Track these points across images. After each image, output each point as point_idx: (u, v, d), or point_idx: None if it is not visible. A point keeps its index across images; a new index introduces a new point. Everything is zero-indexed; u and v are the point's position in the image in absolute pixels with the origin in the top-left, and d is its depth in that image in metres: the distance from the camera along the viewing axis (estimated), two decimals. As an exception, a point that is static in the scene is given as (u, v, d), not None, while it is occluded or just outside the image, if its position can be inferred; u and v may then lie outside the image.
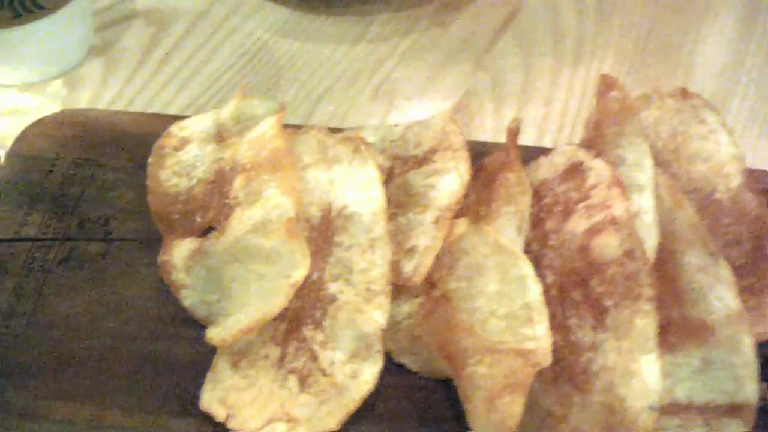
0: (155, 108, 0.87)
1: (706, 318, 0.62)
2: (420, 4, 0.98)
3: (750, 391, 0.61)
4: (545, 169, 0.72)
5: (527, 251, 0.68)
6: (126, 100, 0.88)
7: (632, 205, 0.67)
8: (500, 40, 0.96)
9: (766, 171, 0.76)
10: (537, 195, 0.70)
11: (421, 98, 0.89)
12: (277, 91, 0.90)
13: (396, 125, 0.76)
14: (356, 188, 0.68)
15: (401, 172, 0.73)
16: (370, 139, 0.76)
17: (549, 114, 0.88)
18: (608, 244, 0.64)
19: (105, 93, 0.89)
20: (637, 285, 0.63)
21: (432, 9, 0.98)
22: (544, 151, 0.73)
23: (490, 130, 0.88)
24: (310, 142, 0.70)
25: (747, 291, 0.67)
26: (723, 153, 0.72)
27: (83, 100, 0.87)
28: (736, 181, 0.71)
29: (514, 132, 0.73)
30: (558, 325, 0.64)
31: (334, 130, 0.73)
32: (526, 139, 0.83)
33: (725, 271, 0.63)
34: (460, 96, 0.91)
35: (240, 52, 0.93)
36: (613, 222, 0.64)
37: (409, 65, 0.93)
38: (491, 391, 0.60)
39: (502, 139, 0.70)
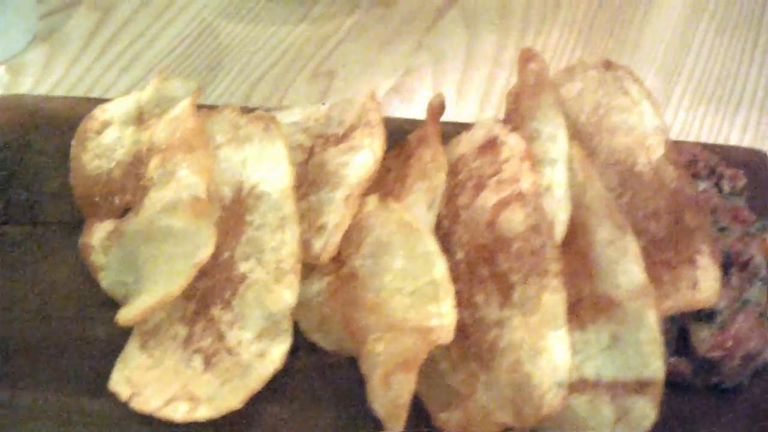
0: (97, 92, 0.84)
1: (612, 293, 0.59)
2: (361, -15, 0.94)
3: (655, 368, 0.57)
4: (464, 144, 0.69)
5: (439, 227, 0.64)
6: (68, 85, 0.86)
7: (543, 178, 0.63)
8: (445, 17, 0.93)
9: (693, 143, 0.72)
10: (454, 171, 0.67)
11: (361, 77, 0.86)
12: (218, 73, 0.87)
13: (323, 104, 0.73)
14: (266, 167, 0.66)
15: (321, 151, 0.70)
16: (295, 118, 0.73)
17: (490, 90, 0.85)
18: (514, 219, 0.61)
19: (48, 78, 0.87)
20: (543, 260, 0.59)
21: (377, -13, 0.95)
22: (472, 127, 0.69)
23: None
24: (222, 122, 0.68)
25: (664, 265, 0.64)
26: (646, 125, 0.68)
27: (26, 85, 0.85)
28: (657, 153, 0.67)
29: (434, 108, 0.69)
30: (466, 302, 0.61)
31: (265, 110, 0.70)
32: (465, 115, 0.79)
33: (632, 245, 0.59)
34: (401, 74, 0.87)
35: (183, 35, 0.91)
36: (520, 196, 0.61)
37: (350, 44, 0.89)
38: (386, 369, 0.57)
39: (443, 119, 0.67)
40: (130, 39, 0.90)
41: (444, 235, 0.64)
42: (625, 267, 0.59)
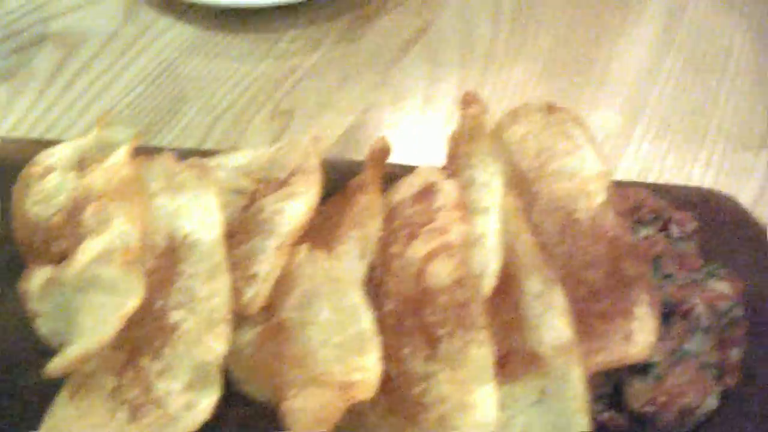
0: (56, 132, 0.84)
1: (538, 348, 0.57)
2: (330, 19, 0.93)
3: (579, 425, 0.55)
4: (402, 190, 0.67)
5: (370, 277, 0.63)
6: (28, 125, 0.85)
7: (476, 228, 0.61)
8: (408, 54, 0.91)
9: (640, 187, 0.69)
10: (390, 218, 0.65)
11: (319, 116, 0.84)
12: (178, 112, 0.86)
13: (272, 147, 0.71)
14: (198, 216, 0.65)
15: (261, 196, 0.68)
16: (241, 161, 0.72)
17: (449, 128, 0.82)
18: (440, 271, 0.59)
19: (8, 118, 0.86)
20: (470, 313, 0.58)
21: (342, 24, 0.94)
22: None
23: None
24: (157, 169, 0.66)
25: (600, 316, 0.62)
26: (588, 170, 0.66)
27: (-14, 124, 0.84)
28: (598, 199, 0.65)
29: (375, 153, 0.68)
30: (393, 354, 0.59)
31: (208, 153, 0.71)
32: (423, 154, 0.77)
33: (559, 299, 0.57)
34: (360, 112, 0.85)
35: (145, 74, 0.90)
36: (448, 248, 0.59)
37: (312, 81, 0.88)
38: (302, 425, 0.55)
39: (398, 159, 0.66)
40: (91, 78, 0.89)
41: (375, 285, 0.63)
42: (551, 322, 0.57)
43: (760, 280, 0.71)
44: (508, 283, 0.61)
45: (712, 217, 0.74)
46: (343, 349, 0.58)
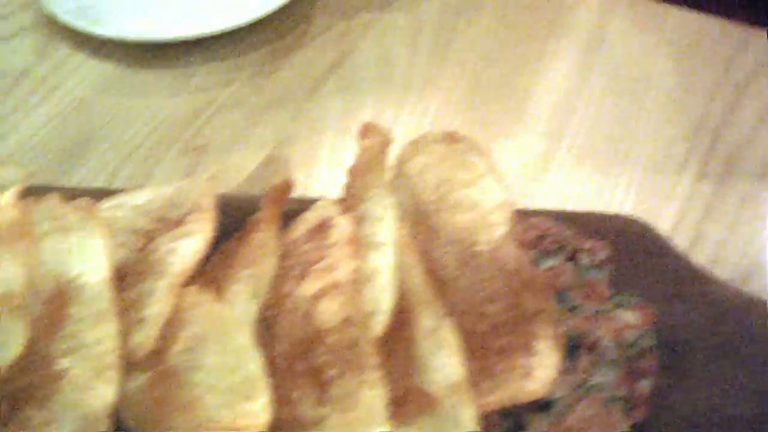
0: (-38, 173, 0.80)
1: (430, 388, 0.54)
2: (245, 53, 0.91)
3: None
4: (300, 226, 0.64)
5: (264, 318, 0.60)
6: (-67, 167, 0.81)
7: (369, 264, 0.58)
8: (324, 86, 0.88)
9: (550, 215, 0.67)
10: (285, 256, 0.62)
11: (232, 150, 0.81)
12: (87, 150, 0.82)
13: (171, 185, 0.68)
14: (86, 258, 0.61)
15: (157, 236, 0.65)
16: (140, 200, 0.69)
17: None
18: (328, 310, 0.56)
19: None
20: (360, 354, 0.55)
21: (258, 57, 0.91)
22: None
23: (301, 181, 0.79)
24: (44, 211, 0.63)
25: (500, 352, 0.59)
26: (489, 200, 0.64)
27: None
28: (500, 230, 0.62)
29: (273, 191, 0.65)
30: (284, 399, 0.56)
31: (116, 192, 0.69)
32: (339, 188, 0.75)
33: (450, 336, 0.55)
34: (274, 145, 0.82)
35: (55, 112, 0.87)
36: (336, 285, 0.56)
37: (225, 116, 0.85)
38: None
39: (312, 192, 0.64)
40: (1, 116, 0.86)
41: (268, 326, 0.60)
42: (443, 360, 0.55)
43: (674, 308, 0.68)
44: (403, 321, 0.58)
45: (628, 245, 0.71)
46: (231, 394, 0.56)
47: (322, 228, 0.62)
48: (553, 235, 0.65)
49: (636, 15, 0.99)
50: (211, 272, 0.63)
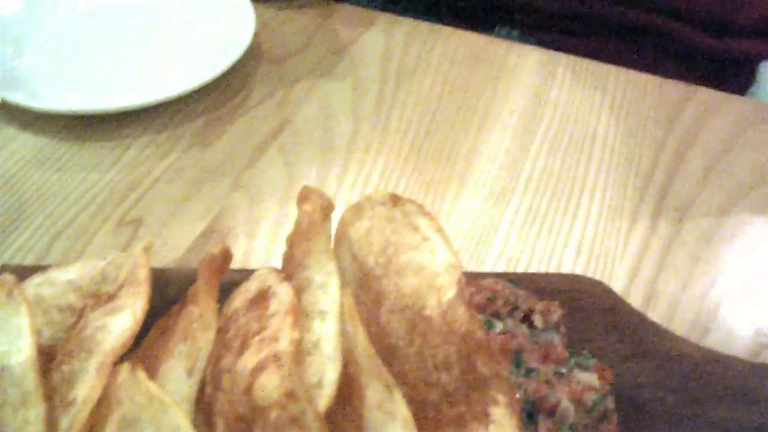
0: None
1: None
2: (182, 124, 0.87)
3: None
4: (240, 297, 0.59)
5: (202, 396, 0.55)
6: None
7: (312, 333, 0.54)
8: (265, 154, 0.85)
9: (501, 277, 0.63)
10: (225, 328, 0.57)
11: (169, 223, 0.77)
12: (19, 226, 0.78)
13: (103, 259, 0.64)
14: (8, 339, 0.56)
15: (89, 313, 0.60)
16: (71, 275, 0.64)
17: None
18: (269, 384, 0.51)
19: None
20: (304, 429, 0.49)
21: (195, 127, 0.87)
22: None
23: (242, 252, 0.75)
24: (-36, 289, 0.58)
25: (455, 421, 0.54)
26: (436, 263, 0.60)
27: None
28: (449, 293, 0.58)
29: (209, 260, 0.61)
30: (224, 482, 0.50)
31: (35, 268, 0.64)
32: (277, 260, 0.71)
33: (400, 408, 0.50)
34: (213, 217, 0.78)
35: (-15, 189, 0.81)
36: (276, 358, 0.52)
37: (162, 188, 0.81)
38: None
39: (254, 263, 0.58)
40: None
41: (207, 403, 0.55)
42: None
43: (633, 367, 0.65)
44: (349, 394, 0.53)
45: (582, 304, 0.68)
46: None
47: (261, 298, 0.57)
48: (505, 296, 0.62)
49: (576, 75, 0.97)
50: (145, 349, 0.58)
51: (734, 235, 0.81)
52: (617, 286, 0.73)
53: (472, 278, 0.62)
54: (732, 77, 1.05)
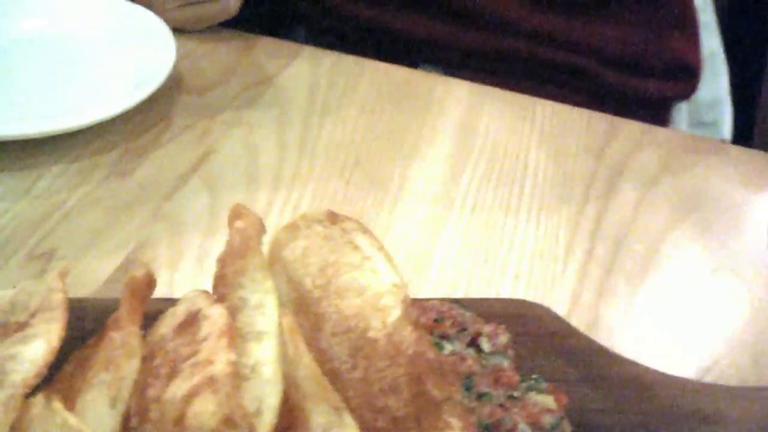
0: None
1: None
2: (98, 153, 0.81)
3: None
4: (166, 322, 0.53)
5: (127, 429, 0.48)
6: None
7: (249, 357, 0.48)
8: (187, 184, 0.79)
9: (440, 300, 0.58)
10: (150, 356, 0.51)
11: (85, 255, 0.70)
12: None
13: (13, 288, 0.57)
14: None
15: (-2, 344, 0.53)
16: (-24, 307, 0.56)
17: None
18: (204, 411, 0.45)
19: None
20: None
21: (112, 157, 0.81)
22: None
23: (164, 284, 0.68)
24: None
25: (407, 448, 0.48)
26: (379, 283, 0.55)
27: None
28: (394, 314, 0.53)
29: (131, 284, 0.54)
30: None
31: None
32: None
33: (350, 430, 0.44)
34: (132, 248, 0.72)
35: None
36: (211, 382, 0.46)
37: (76, 220, 0.75)
38: None
39: (178, 296, 0.54)
40: None
41: None
42: None
43: (584, 392, 0.61)
44: (293, 418, 0.48)
45: (528, 328, 0.64)
46: None
47: (191, 321, 0.52)
48: (453, 317, 0.57)
49: (505, 106, 0.95)
50: (60, 383, 0.52)
51: (672, 259, 0.78)
52: (559, 311, 0.69)
53: (414, 302, 0.57)
54: (648, 117, 1.04)
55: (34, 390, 0.50)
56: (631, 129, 0.95)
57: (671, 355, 0.70)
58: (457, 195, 0.83)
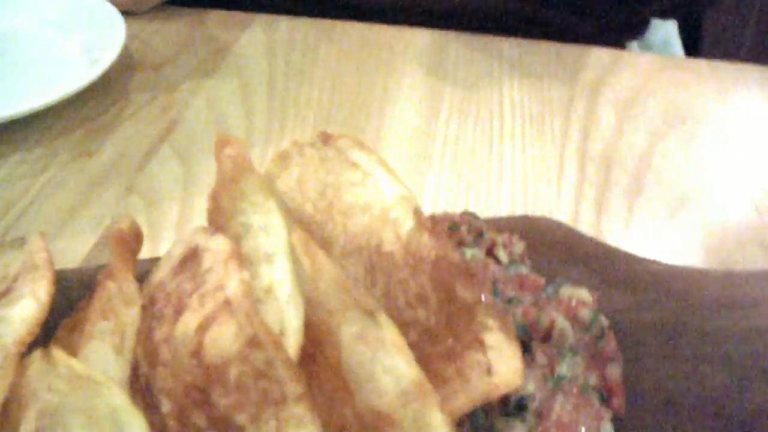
0: None
1: (378, 403, 0.38)
2: (57, 138, 0.75)
3: None
4: (162, 267, 0.47)
5: (136, 375, 0.42)
6: None
7: (261, 280, 0.43)
8: (156, 156, 0.73)
9: (448, 213, 0.54)
10: (150, 304, 0.45)
11: (58, 237, 0.64)
12: None
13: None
14: None
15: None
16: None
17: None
18: (223, 336, 0.39)
19: None
20: (276, 382, 0.38)
21: (73, 140, 0.75)
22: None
23: (148, 254, 0.62)
24: None
25: (446, 356, 0.44)
26: (386, 197, 0.49)
27: None
28: (407, 225, 0.48)
29: (116, 235, 0.49)
30: (183, 468, 0.38)
31: None
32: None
33: (389, 332, 0.39)
34: (107, 225, 0.66)
35: None
36: (227, 305, 0.40)
37: (45, 203, 0.69)
38: None
39: None
40: None
41: (144, 385, 0.42)
42: (385, 363, 0.39)
43: (608, 295, 0.56)
44: (320, 340, 0.42)
45: (540, 241, 0.59)
46: None
47: (191, 257, 0.46)
48: (468, 223, 0.52)
49: (470, 49, 0.91)
50: (63, 339, 0.46)
51: (664, 171, 0.76)
52: (562, 230, 0.65)
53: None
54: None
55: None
56: (600, 55, 0.92)
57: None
58: (437, 132, 0.79)
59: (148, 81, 0.84)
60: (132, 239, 0.52)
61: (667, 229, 0.69)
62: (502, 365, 0.42)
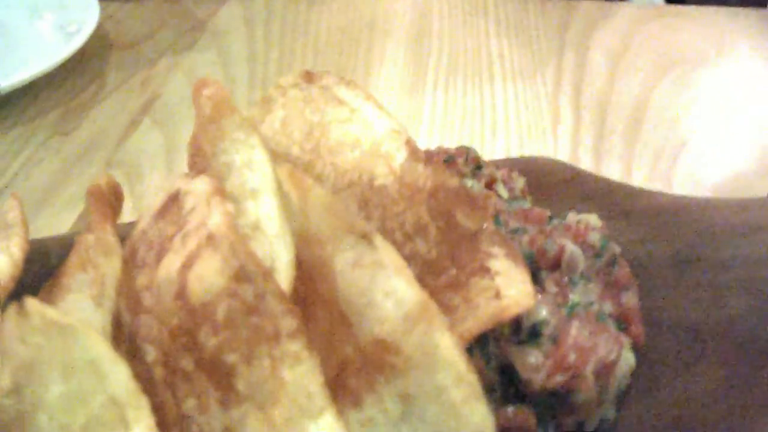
0: None
1: (380, 331, 0.34)
2: (36, 118, 0.71)
3: (477, 415, 0.32)
4: (145, 215, 0.44)
5: (118, 326, 0.38)
6: None
7: (248, 217, 0.39)
8: (137, 130, 0.69)
9: (443, 147, 0.50)
10: (133, 252, 0.41)
11: (39, 215, 0.60)
12: None
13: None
14: None
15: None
16: None
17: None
18: (208, 271, 0.35)
19: None
20: (268, 317, 0.34)
21: (50, 120, 0.72)
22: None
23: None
24: None
25: (451, 286, 0.40)
26: (375, 131, 0.46)
27: None
28: (399, 157, 0.44)
29: (92, 191, 0.45)
30: (173, 416, 0.34)
31: None
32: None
33: (387, 253, 0.35)
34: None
35: None
36: (211, 239, 0.36)
37: (24, 182, 0.66)
38: None
39: None
40: None
41: (129, 335, 0.38)
42: (386, 286, 0.35)
43: (617, 228, 0.53)
44: (312, 277, 0.39)
45: (543, 180, 0.56)
46: (93, 427, 0.33)
47: (172, 200, 0.42)
48: (465, 154, 0.48)
49: (453, 6, 0.88)
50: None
51: (661, 114, 0.73)
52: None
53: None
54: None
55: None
56: (587, 8, 0.89)
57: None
58: (427, 87, 0.75)
59: (125, 59, 0.81)
60: (111, 195, 0.48)
61: (668, 172, 0.65)
62: (511, 289, 0.39)
